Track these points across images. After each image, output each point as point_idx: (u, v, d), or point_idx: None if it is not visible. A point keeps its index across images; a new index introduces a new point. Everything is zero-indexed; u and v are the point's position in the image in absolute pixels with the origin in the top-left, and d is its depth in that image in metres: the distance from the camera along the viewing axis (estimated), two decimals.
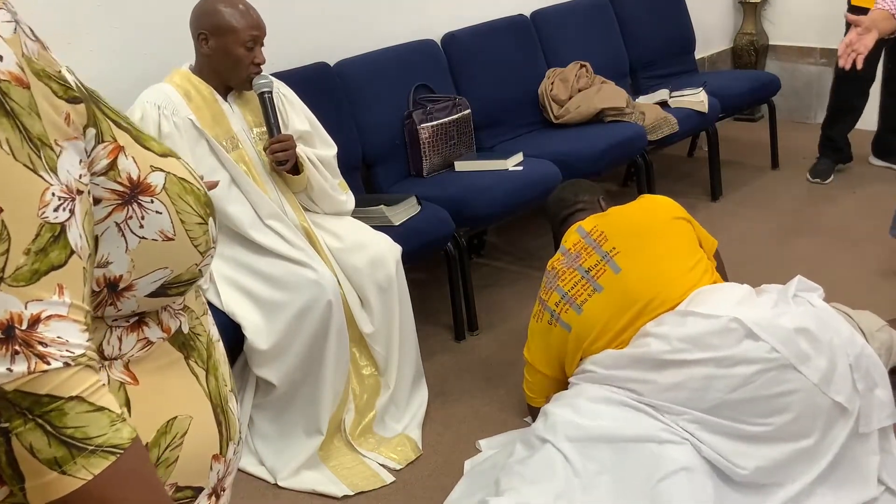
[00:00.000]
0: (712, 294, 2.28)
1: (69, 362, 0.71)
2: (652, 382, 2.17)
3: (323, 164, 2.69)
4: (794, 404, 2.09)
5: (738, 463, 2.09)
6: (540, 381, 2.53)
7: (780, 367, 2.09)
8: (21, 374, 0.69)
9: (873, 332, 2.44)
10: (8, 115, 0.69)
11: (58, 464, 0.70)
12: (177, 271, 0.87)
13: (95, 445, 0.72)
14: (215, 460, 0.92)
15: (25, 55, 0.72)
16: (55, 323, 0.71)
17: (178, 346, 0.91)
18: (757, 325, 2.12)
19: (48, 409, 0.70)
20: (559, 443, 2.17)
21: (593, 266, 2.39)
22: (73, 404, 0.71)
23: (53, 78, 0.75)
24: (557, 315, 2.40)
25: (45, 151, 0.72)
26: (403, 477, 2.50)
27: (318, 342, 2.44)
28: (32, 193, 0.70)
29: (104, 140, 0.80)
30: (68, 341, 0.71)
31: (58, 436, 0.70)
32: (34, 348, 0.69)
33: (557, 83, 3.93)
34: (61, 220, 0.72)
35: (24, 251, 0.69)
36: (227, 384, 0.97)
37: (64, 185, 0.73)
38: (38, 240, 0.70)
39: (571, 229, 2.54)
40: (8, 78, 0.70)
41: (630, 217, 2.50)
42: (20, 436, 0.69)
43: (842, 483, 2.13)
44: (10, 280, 0.69)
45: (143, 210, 0.83)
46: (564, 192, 2.76)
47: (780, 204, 4.15)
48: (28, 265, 0.70)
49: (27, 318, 0.69)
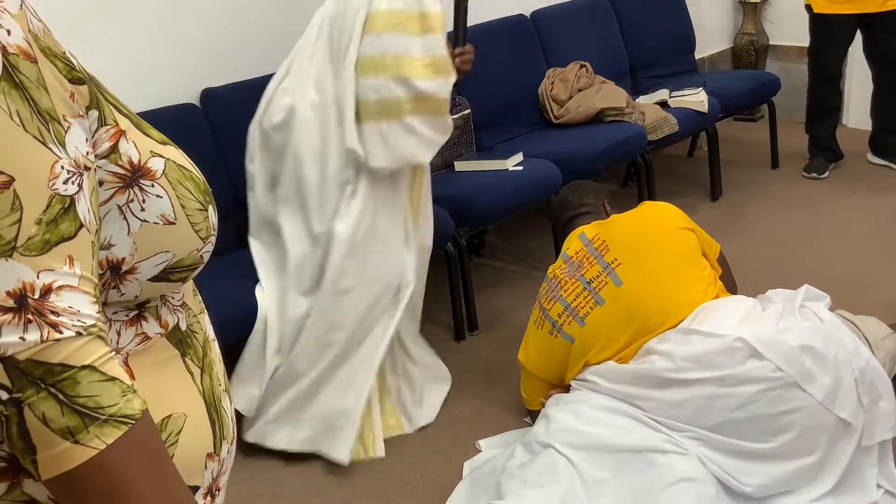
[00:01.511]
0: (716, 310, 2.26)
1: (81, 332, 0.71)
2: (654, 400, 2.17)
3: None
4: (798, 422, 2.08)
5: (742, 480, 2.09)
6: (535, 384, 2.53)
7: (784, 385, 2.07)
8: (34, 342, 0.69)
9: (878, 342, 2.41)
10: (17, 88, 0.70)
11: (71, 433, 0.70)
12: (179, 255, 0.87)
13: (108, 415, 0.72)
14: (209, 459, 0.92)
15: (32, 31, 0.73)
16: (66, 293, 0.71)
17: (174, 343, 0.91)
18: (761, 344, 2.10)
19: (61, 378, 0.70)
20: (562, 448, 2.17)
21: (595, 277, 2.38)
22: (85, 373, 0.71)
23: (58, 57, 0.75)
24: (560, 326, 2.40)
25: (53, 125, 0.72)
26: (404, 476, 2.50)
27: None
28: (43, 165, 0.70)
29: (106, 123, 0.81)
30: (80, 311, 0.71)
31: (71, 405, 0.70)
32: (46, 317, 0.69)
33: (557, 83, 3.93)
34: (70, 193, 0.72)
35: (35, 221, 0.69)
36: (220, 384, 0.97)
37: (72, 159, 0.73)
38: (49, 210, 0.70)
39: (573, 235, 2.53)
40: (16, 52, 0.70)
41: (632, 226, 2.47)
42: (33, 405, 0.69)
43: (845, 494, 2.13)
44: (23, 249, 0.69)
45: (144, 193, 0.83)
46: (569, 194, 2.75)
47: (780, 204, 4.15)
48: (39, 235, 0.70)
49: (39, 287, 0.69)
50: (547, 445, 2.20)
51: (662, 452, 2.09)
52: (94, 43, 2.76)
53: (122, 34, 2.84)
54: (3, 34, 0.69)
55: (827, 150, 4.47)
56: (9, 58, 0.69)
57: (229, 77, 3.11)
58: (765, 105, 4.68)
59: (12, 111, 0.69)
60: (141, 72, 2.88)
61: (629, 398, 2.20)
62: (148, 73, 2.90)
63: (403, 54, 2.38)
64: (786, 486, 2.10)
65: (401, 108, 2.40)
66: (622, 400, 2.21)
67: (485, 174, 3.37)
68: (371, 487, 2.47)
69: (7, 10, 0.70)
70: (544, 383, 2.50)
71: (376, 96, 2.39)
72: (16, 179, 0.68)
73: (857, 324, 2.42)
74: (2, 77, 0.69)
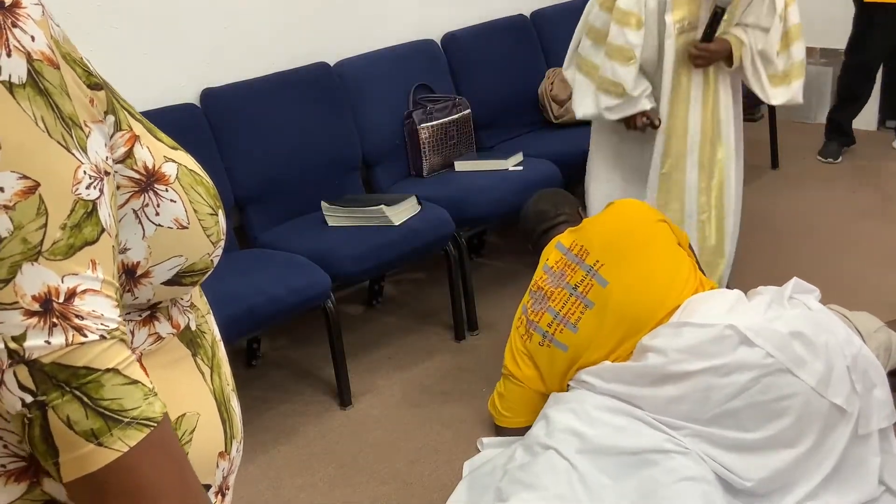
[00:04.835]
0: (704, 302, 2.28)
1: (105, 335, 0.72)
2: (652, 397, 2.18)
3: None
4: (793, 409, 2.09)
5: (742, 475, 2.09)
6: (520, 396, 2.50)
7: (776, 371, 2.09)
8: (59, 346, 0.69)
9: (871, 333, 2.43)
10: (42, 94, 0.70)
11: (94, 435, 0.71)
12: (191, 260, 0.87)
13: (131, 418, 0.72)
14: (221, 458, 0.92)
15: (54, 37, 0.74)
16: (90, 297, 0.71)
17: (186, 343, 0.92)
18: (751, 331, 2.12)
19: (85, 381, 0.70)
20: (563, 449, 2.17)
21: (580, 282, 2.38)
22: (109, 376, 0.72)
23: (77, 63, 0.76)
24: (551, 336, 2.40)
25: (75, 131, 0.73)
26: (403, 476, 2.50)
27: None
28: (67, 170, 0.71)
29: (121, 128, 0.82)
30: (103, 315, 0.72)
31: (95, 408, 0.71)
32: (71, 321, 0.70)
33: (557, 83, 3.93)
34: (93, 198, 0.73)
35: (60, 226, 0.70)
36: (229, 384, 0.98)
37: (93, 164, 0.74)
38: (73, 215, 0.71)
39: (551, 245, 2.53)
40: (40, 58, 0.71)
41: (609, 227, 2.49)
42: (57, 408, 0.70)
43: (844, 485, 2.13)
44: (48, 254, 0.69)
45: (158, 198, 0.84)
46: (543, 203, 2.73)
47: (779, 204, 4.15)
48: (64, 240, 0.70)
49: (64, 291, 0.70)
50: (547, 447, 2.20)
51: (664, 452, 2.10)
52: (94, 43, 2.76)
53: (122, 34, 2.84)
54: (27, 40, 0.70)
55: (844, 134, 4.60)
56: (34, 64, 0.70)
57: (229, 77, 3.11)
58: (765, 105, 4.66)
59: (37, 117, 0.70)
60: (141, 72, 2.88)
61: (627, 397, 2.21)
62: (148, 73, 2.90)
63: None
64: (785, 478, 2.11)
65: None
66: (621, 399, 2.22)
67: (485, 174, 3.37)
68: (371, 487, 2.47)
69: (31, 16, 0.71)
70: (531, 394, 2.49)
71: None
72: (41, 184, 0.69)
73: (848, 317, 2.44)
74: (27, 83, 0.69)
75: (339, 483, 2.50)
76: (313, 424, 2.78)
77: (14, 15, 0.70)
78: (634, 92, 2.80)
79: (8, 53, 0.68)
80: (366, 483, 2.49)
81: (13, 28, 0.69)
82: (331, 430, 2.75)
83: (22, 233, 0.68)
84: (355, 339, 3.17)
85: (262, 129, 3.12)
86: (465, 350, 3.13)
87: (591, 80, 2.91)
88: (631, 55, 2.78)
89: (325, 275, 2.76)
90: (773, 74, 2.88)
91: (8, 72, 0.68)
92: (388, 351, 3.15)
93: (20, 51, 0.69)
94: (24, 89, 0.69)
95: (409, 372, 3.01)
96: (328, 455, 2.63)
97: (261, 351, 3.16)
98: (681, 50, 2.79)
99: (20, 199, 0.68)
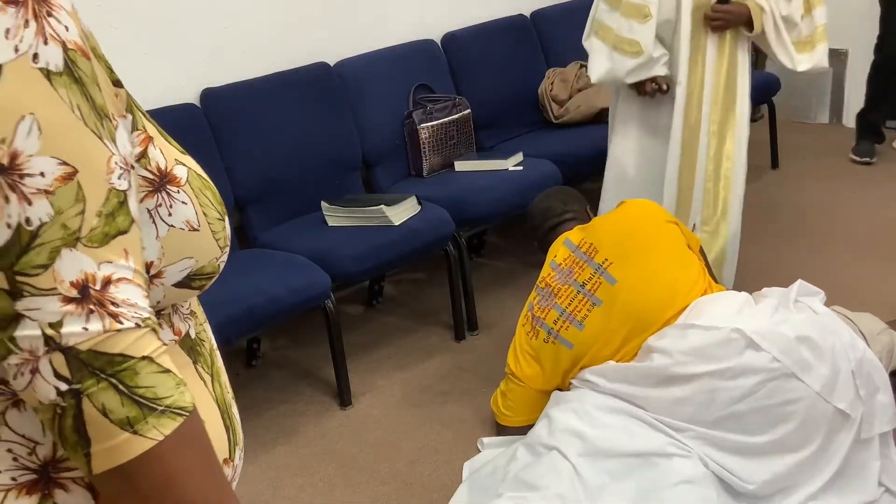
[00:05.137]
0: (711, 304, 2.27)
1: (139, 323, 0.72)
2: (656, 398, 2.17)
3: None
4: (797, 413, 2.09)
5: (744, 478, 2.09)
6: (521, 395, 2.50)
7: (782, 376, 2.08)
8: (96, 332, 0.69)
9: (874, 335, 2.43)
10: (77, 82, 0.71)
11: (130, 423, 0.70)
12: (201, 262, 0.88)
13: (165, 406, 0.72)
14: (225, 465, 0.92)
15: (83, 30, 0.75)
16: (124, 285, 0.72)
17: (186, 351, 0.92)
18: (758, 335, 2.11)
19: (121, 369, 0.70)
20: (565, 450, 2.16)
21: (588, 280, 2.38)
22: (143, 364, 0.72)
23: (102, 59, 0.78)
24: (556, 332, 2.40)
25: (106, 122, 0.74)
26: (403, 476, 2.50)
27: None
28: (101, 158, 0.72)
29: (137, 128, 0.83)
30: (137, 304, 0.72)
31: (130, 395, 0.70)
32: (107, 308, 0.70)
33: (557, 83, 3.93)
34: (124, 188, 0.74)
35: (96, 213, 0.71)
36: (229, 391, 0.98)
37: (123, 156, 0.75)
38: (108, 203, 0.72)
39: (558, 241, 2.53)
40: (74, 48, 0.72)
41: (618, 225, 2.48)
42: (92, 396, 0.69)
43: (846, 488, 2.13)
44: (86, 241, 0.70)
45: (171, 199, 0.85)
46: (551, 200, 2.72)
47: (779, 204, 4.14)
48: (100, 227, 0.71)
49: (100, 278, 0.70)
50: (551, 448, 2.20)
51: (666, 455, 2.09)
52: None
53: (122, 34, 2.84)
54: (62, 30, 0.71)
55: (877, 134, 4.57)
56: (69, 53, 0.71)
57: (229, 77, 3.11)
58: (765, 105, 4.67)
59: (74, 105, 0.70)
60: (141, 72, 2.88)
61: (630, 398, 2.20)
62: (148, 73, 2.90)
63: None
64: (787, 482, 2.10)
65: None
66: (624, 399, 2.22)
67: (484, 174, 3.37)
68: (371, 487, 2.47)
69: (63, 6, 0.72)
70: (533, 393, 2.49)
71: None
72: (79, 171, 0.70)
73: (852, 319, 2.44)
74: (64, 71, 0.70)
75: (339, 483, 2.50)
76: (313, 424, 2.78)
77: (48, 5, 0.71)
78: (655, 53, 2.79)
79: (45, 41, 0.69)
80: (366, 483, 2.49)
81: (48, 17, 0.70)
82: (331, 430, 2.75)
83: (62, 218, 0.69)
84: (355, 339, 3.17)
85: (262, 129, 3.12)
86: (465, 350, 3.13)
87: (606, 43, 2.87)
88: (647, 12, 2.76)
89: (325, 275, 2.76)
90: (797, 40, 2.89)
91: (46, 59, 0.69)
92: (388, 351, 3.15)
93: (56, 39, 0.70)
94: (60, 77, 0.70)
95: (409, 372, 3.01)
96: (328, 455, 2.63)
97: (261, 351, 3.16)
98: (698, 11, 2.78)
99: (60, 185, 0.69)
